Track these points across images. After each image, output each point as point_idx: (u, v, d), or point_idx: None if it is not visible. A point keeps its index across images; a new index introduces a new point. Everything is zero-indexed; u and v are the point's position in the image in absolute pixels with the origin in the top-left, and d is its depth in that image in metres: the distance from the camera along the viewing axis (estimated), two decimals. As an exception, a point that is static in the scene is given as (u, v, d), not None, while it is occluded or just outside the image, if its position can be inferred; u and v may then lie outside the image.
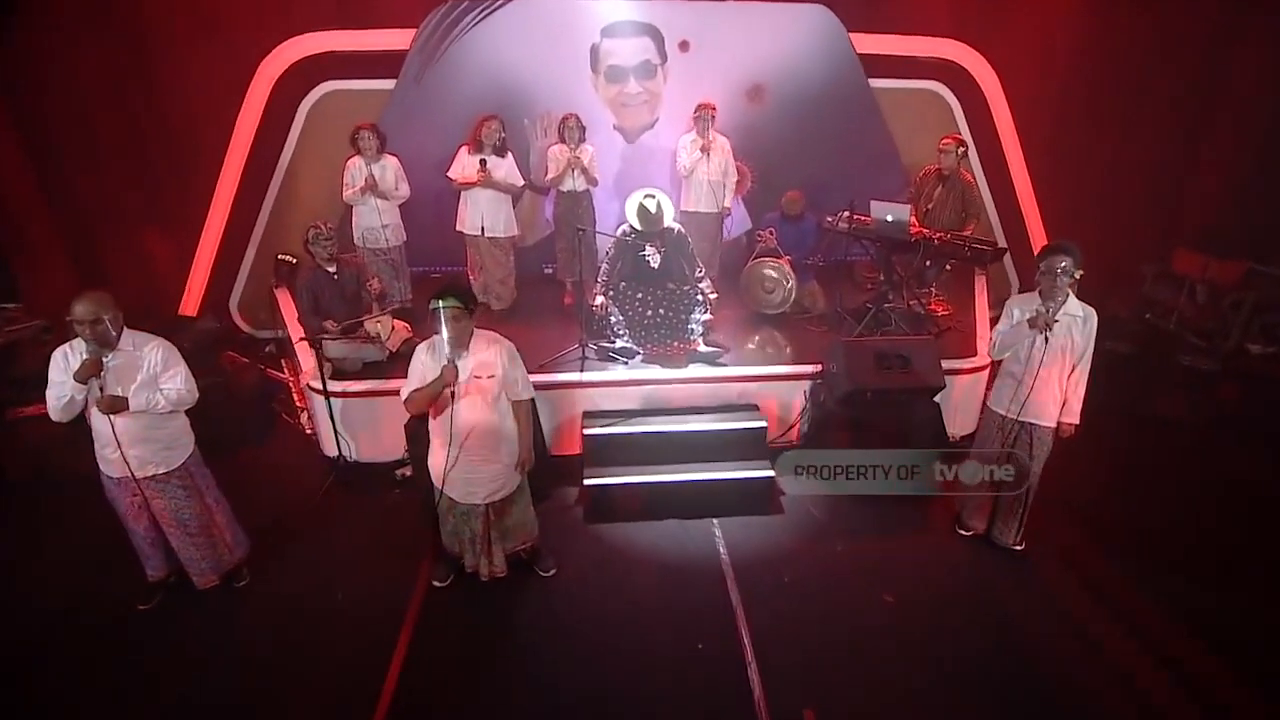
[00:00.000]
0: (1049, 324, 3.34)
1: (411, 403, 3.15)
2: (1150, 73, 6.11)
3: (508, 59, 5.85)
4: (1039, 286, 3.46)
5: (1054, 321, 3.35)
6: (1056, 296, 3.39)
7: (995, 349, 3.59)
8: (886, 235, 5.04)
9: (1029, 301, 3.51)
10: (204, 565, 3.47)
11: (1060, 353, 3.46)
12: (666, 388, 4.64)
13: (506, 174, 5.27)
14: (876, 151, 6.34)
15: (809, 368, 4.68)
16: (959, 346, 5.03)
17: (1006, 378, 3.65)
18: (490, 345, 3.19)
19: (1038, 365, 3.46)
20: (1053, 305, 3.39)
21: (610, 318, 4.88)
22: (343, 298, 4.69)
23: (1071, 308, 3.43)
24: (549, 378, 4.57)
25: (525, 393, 3.32)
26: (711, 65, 5.99)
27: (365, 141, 5.03)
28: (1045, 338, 3.37)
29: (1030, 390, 3.51)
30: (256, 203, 6.21)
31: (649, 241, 4.86)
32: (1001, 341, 3.55)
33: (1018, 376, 3.57)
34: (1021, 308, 3.52)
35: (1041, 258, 3.38)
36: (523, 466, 3.42)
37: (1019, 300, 3.57)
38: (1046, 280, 3.37)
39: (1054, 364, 3.47)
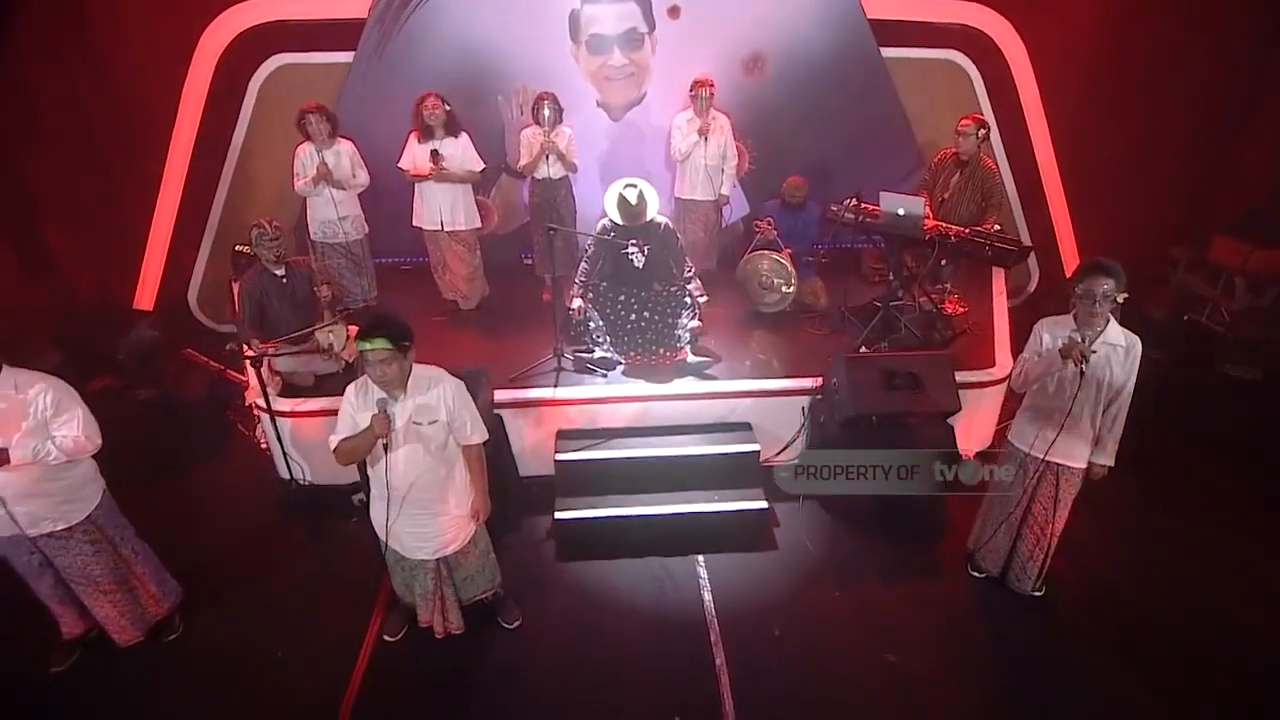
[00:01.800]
0: (1085, 356, 2.86)
1: (340, 454, 2.73)
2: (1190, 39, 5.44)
3: (478, 28, 5.26)
4: (1074, 310, 2.97)
5: (1091, 353, 2.88)
6: (1095, 323, 2.90)
7: (1020, 381, 3.11)
8: (897, 231, 4.51)
9: (1061, 326, 3.03)
10: (124, 622, 3.11)
11: (1096, 386, 2.99)
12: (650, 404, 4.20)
13: (462, 159, 4.73)
14: (888, 129, 5.75)
15: (808, 381, 4.22)
16: (975, 355, 4.55)
17: (1031, 411, 3.19)
18: (432, 386, 2.74)
19: (1069, 401, 2.99)
20: (1090, 333, 2.90)
21: (589, 323, 4.41)
22: (293, 304, 4.22)
23: (1112, 335, 2.94)
24: (519, 394, 4.13)
25: (476, 436, 2.88)
26: (705, 33, 5.38)
27: (314, 126, 4.50)
28: (1080, 370, 2.90)
29: (1060, 428, 3.05)
30: (210, 188, 5.71)
31: (631, 238, 4.36)
32: (1028, 373, 3.07)
33: (1045, 412, 3.11)
34: (1052, 334, 3.03)
35: (1079, 279, 2.88)
36: (477, 516, 3.01)
37: (1050, 325, 3.08)
38: (1084, 305, 2.87)
39: (1088, 399, 3.00)
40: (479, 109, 5.43)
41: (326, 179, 4.58)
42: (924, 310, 4.95)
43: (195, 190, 5.65)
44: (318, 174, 4.54)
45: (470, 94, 5.37)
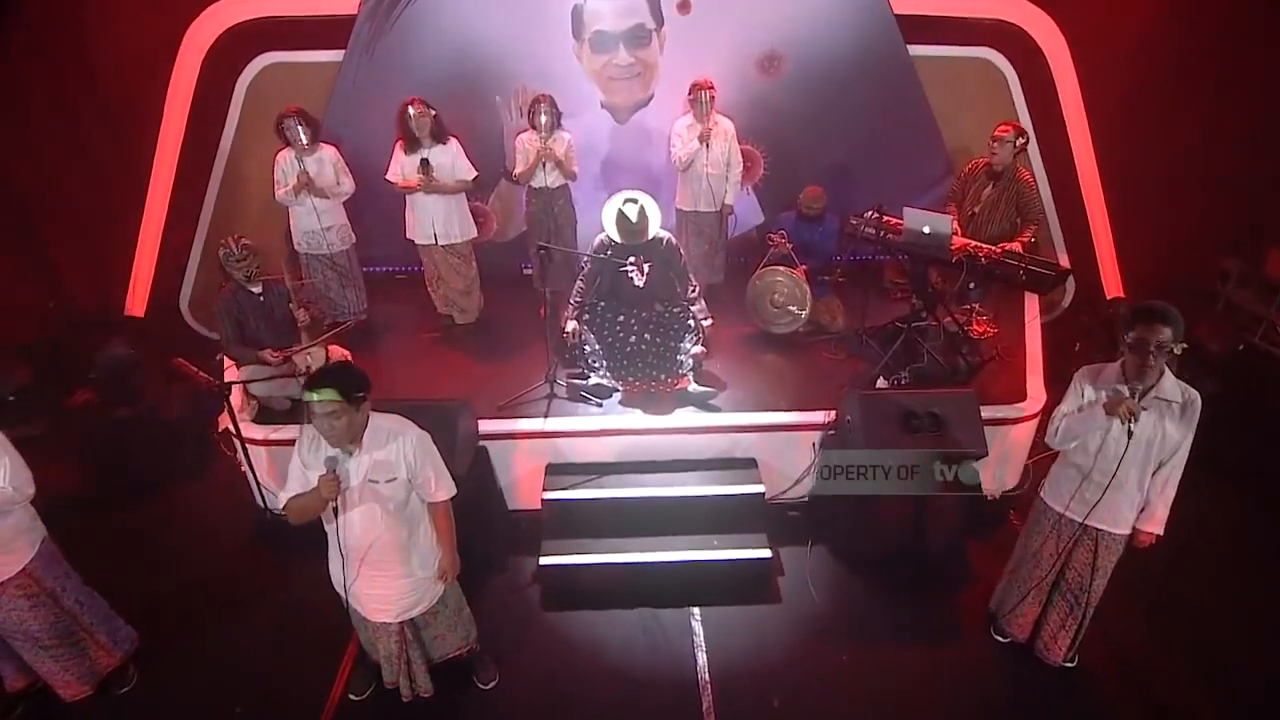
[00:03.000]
0: (1134, 414, 2.49)
1: (290, 512, 2.46)
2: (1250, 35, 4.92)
3: (475, 25, 4.93)
4: (1123, 359, 2.60)
5: (1141, 410, 2.51)
6: (1147, 377, 2.53)
7: (1057, 437, 2.74)
8: (921, 251, 4.13)
9: (1105, 378, 2.65)
10: (68, 677, 2.89)
11: (1146, 446, 2.61)
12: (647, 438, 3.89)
13: (452, 167, 4.44)
14: (914, 133, 5.33)
15: (820, 415, 3.87)
16: (1004, 384, 4.17)
17: (1069, 469, 2.82)
18: (391, 439, 2.46)
19: (1114, 463, 2.63)
20: (1140, 387, 2.53)
21: (584, 347, 4.10)
22: (271, 323, 3.97)
23: (1166, 390, 2.56)
24: (506, 425, 3.85)
25: (442, 493, 2.60)
26: (717, 30, 4.99)
27: (293, 131, 4.22)
28: (1128, 430, 2.53)
29: (1102, 491, 2.69)
30: (199, 191, 5.48)
31: (631, 255, 4.04)
32: (1066, 428, 2.70)
33: (1085, 471, 2.74)
34: (1095, 386, 2.66)
35: (1131, 325, 2.50)
36: (445, 576, 2.73)
37: (1092, 375, 2.71)
38: (1136, 355, 2.50)
39: (1136, 461, 2.63)
40: (476, 111, 5.12)
41: (308, 187, 4.31)
42: (949, 332, 4.57)
43: (184, 193, 5.42)
44: (298, 182, 4.27)
45: (467, 95, 5.07)
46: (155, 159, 5.28)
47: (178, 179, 5.36)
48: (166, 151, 5.27)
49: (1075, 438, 2.70)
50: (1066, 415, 2.71)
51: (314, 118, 4.30)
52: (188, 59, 4.99)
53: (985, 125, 4.50)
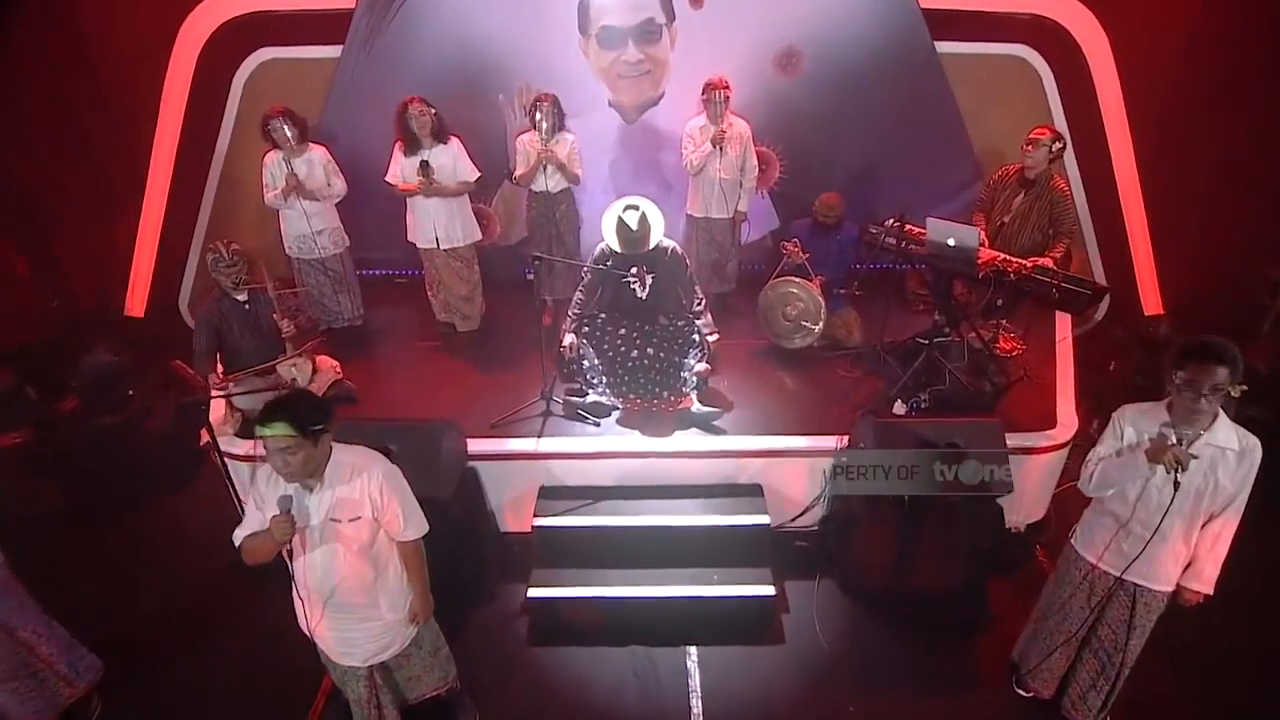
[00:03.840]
0: (1182, 463, 2.21)
1: (245, 553, 2.28)
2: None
3: (477, 20, 4.71)
4: (1170, 399, 2.32)
5: (1191, 458, 2.23)
6: (1198, 421, 2.25)
7: (1092, 483, 2.47)
8: (945, 265, 3.85)
9: (1149, 419, 2.37)
10: (25, 711, 2.74)
11: (1195, 497, 2.34)
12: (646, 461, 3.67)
13: (453, 169, 4.24)
14: (941, 136, 5.02)
15: (831, 440, 3.61)
16: (1032, 410, 3.88)
17: (1105, 517, 2.54)
18: (356, 475, 2.26)
19: (1157, 514, 2.35)
20: (1189, 432, 2.25)
21: (583, 362, 3.89)
22: (257, 332, 3.79)
23: (1220, 436, 2.28)
24: (497, 445, 3.64)
25: (412, 531, 2.40)
26: (732, 25, 4.72)
27: (280, 131, 4.04)
28: (1175, 481, 2.25)
29: (1143, 545, 2.41)
30: (196, 190, 5.34)
31: (632, 265, 3.81)
32: (1102, 474, 2.43)
33: (1122, 521, 2.47)
34: (1137, 427, 2.38)
35: (1181, 362, 2.22)
36: (417, 618, 2.53)
37: (1134, 415, 2.42)
38: (1186, 396, 2.22)
39: (1183, 513, 2.35)
40: (478, 109, 4.91)
41: (297, 190, 4.13)
42: (972, 349, 4.28)
43: (182, 193, 5.29)
44: (287, 185, 4.09)
45: (468, 93, 4.86)
46: (152, 157, 5.15)
47: (175, 178, 5.22)
48: (163, 150, 5.13)
49: (1112, 485, 2.42)
50: (1103, 459, 2.44)
51: (301, 117, 4.11)
52: (183, 54, 4.83)
53: (1017, 128, 4.20)
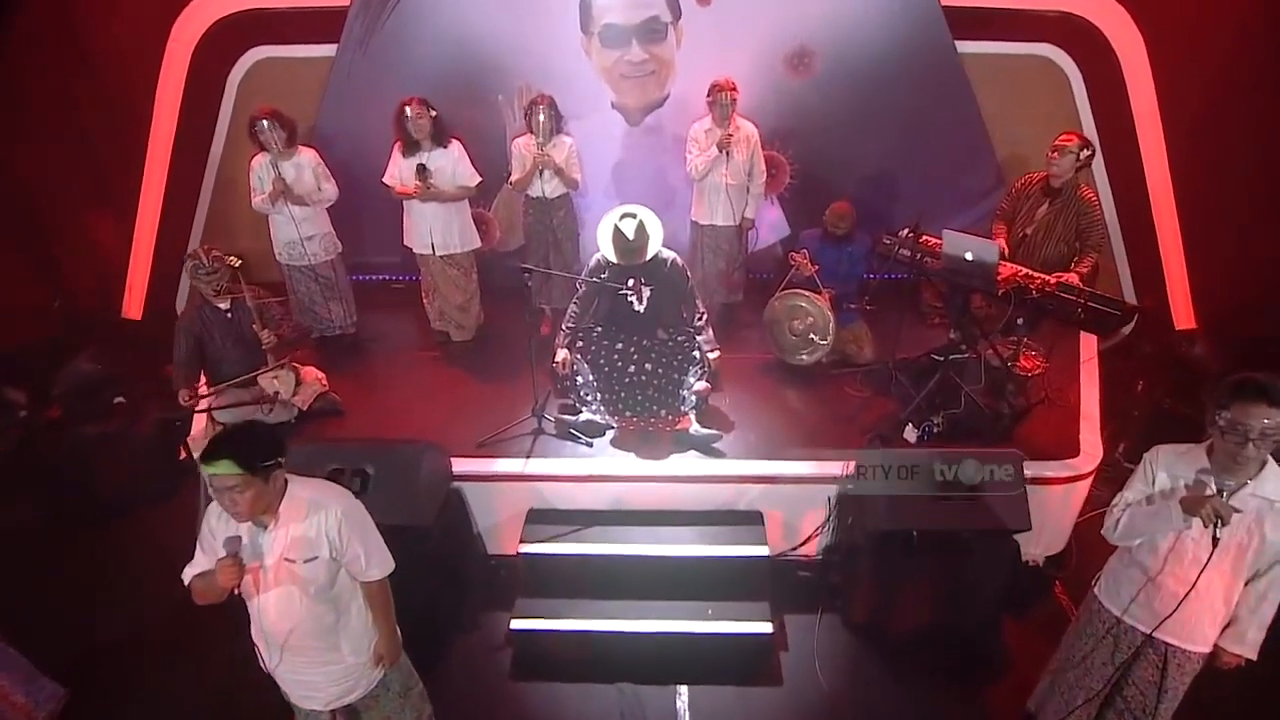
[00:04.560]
0: (1223, 516, 1.98)
1: (194, 593, 2.13)
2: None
3: (475, 18, 4.56)
4: (1210, 442, 2.09)
5: (1234, 511, 2.00)
6: (1243, 468, 2.02)
7: (1117, 531, 2.24)
8: (962, 280, 3.62)
9: (1187, 462, 2.14)
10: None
11: (1237, 552, 2.10)
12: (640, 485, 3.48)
13: (453, 173, 4.08)
14: (961, 140, 4.79)
15: (837, 466, 3.40)
16: (1054, 436, 3.64)
17: (1132, 568, 2.31)
18: (313, 512, 2.09)
19: (1193, 569, 2.12)
20: (1231, 482, 2.02)
21: (576, 378, 3.71)
22: (240, 342, 3.66)
23: (1270, 488, 2.04)
24: (483, 466, 3.48)
25: (375, 571, 2.23)
26: (741, 23, 4.52)
27: (267, 134, 3.89)
28: (1214, 536, 2.02)
29: (1177, 602, 2.18)
30: (192, 191, 5.25)
31: (629, 277, 3.62)
32: (1130, 523, 2.20)
33: (1151, 574, 2.23)
34: (1172, 472, 2.16)
35: (1226, 402, 1.98)
36: (382, 660, 2.37)
37: (1169, 457, 2.19)
38: (1231, 441, 1.98)
39: (1223, 570, 2.12)
40: (477, 110, 4.76)
41: (285, 195, 3.99)
42: (990, 368, 4.04)
43: (178, 193, 5.18)
44: (274, 190, 3.95)
45: (467, 93, 4.72)
46: (147, 158, 5.05)
47: (170, 179, 5.12)
48: (158, 151, 5.03)
49: (1140, 536, 2.20)
50: (1131, 506, 2.21)
51: (290, 119, 3.97)
52: (176, 54, 4.73)
53: (1042, 133, 3.96)
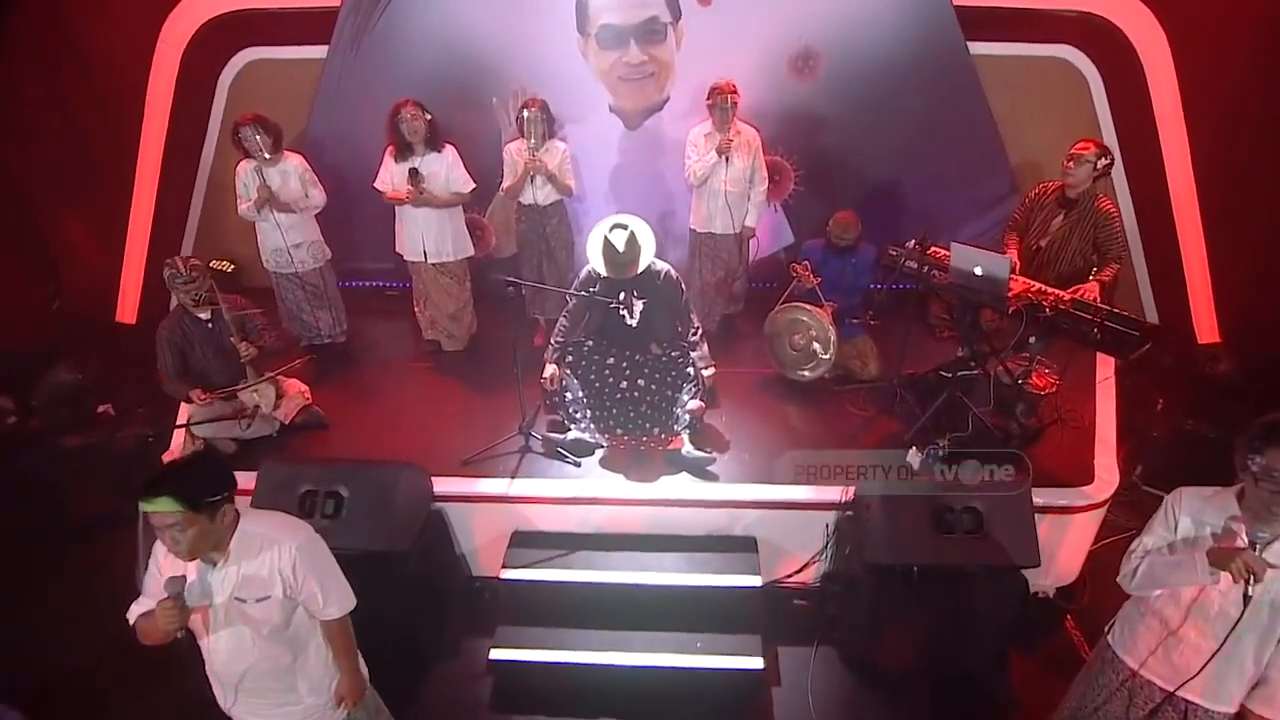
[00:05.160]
0: (1255, 572, 1.80)
1: (139, 633, 2.01)
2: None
3: (468, 18, 4.41)
4: (1243, 488, 1.90)
5: (1269, 567, 1.81)
6: (1277, 519, 1.83)
7: (1134, 581, 2.05)
8: (970, 296, 3.43)
9: (1214, 508, 1.96)
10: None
11: (1273, 611, 1.90)
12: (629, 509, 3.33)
13: (446, 178, 3.95)
14: (973, 145, 4.59)
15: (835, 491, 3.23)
16: (1067, 460, 3.45)
17: (1150, 618, 2.12)
18: (265, 549, 1.96)
19: (1220, 625, 1.94)
20: (1265, 534, 1.83)
21: (565, 394, 3.56)
22: (221, 353, 3.55)
23: (1304, 541, 1.86)
24: (467, 486, 3.34)
25: (334, 609, 2.09)
26: (743, 24, 4.34)
27: (250, 140, 3.78)
28: (1246, 593, 1.84)
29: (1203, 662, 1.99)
30: (185, 195, 5.16)
31: (620, 290, 3.47)
32: (1148, 574, 2.01)
33: (1172, 628, 2.05)
34: (1197, 518, 1.97)
35: (1260, 445, 1.79)
36: (344, 700, 2.24)
37: (1193, 501, 2.00)
38: (1265, 489, 1.80)
39: (1255, 628, 1.92)
40: (472, 114, 4.62)
41: (270, 202, 3.87)
42: (1001, 385, 3.84)
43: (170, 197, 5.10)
44: (259, 197, 3.84)
45: (461, 97, 4.57)
46: (139, 161, 4.96)
47: (162, 183, 5.05)
48: (149, 154, 4.95)
49: (1161, 587, 2.01)
50: (1150, 553, 2.03)
51: (275, 124, 3.85)
52: (166, 55, 4.63)
53: (1059, 138, 3.78)
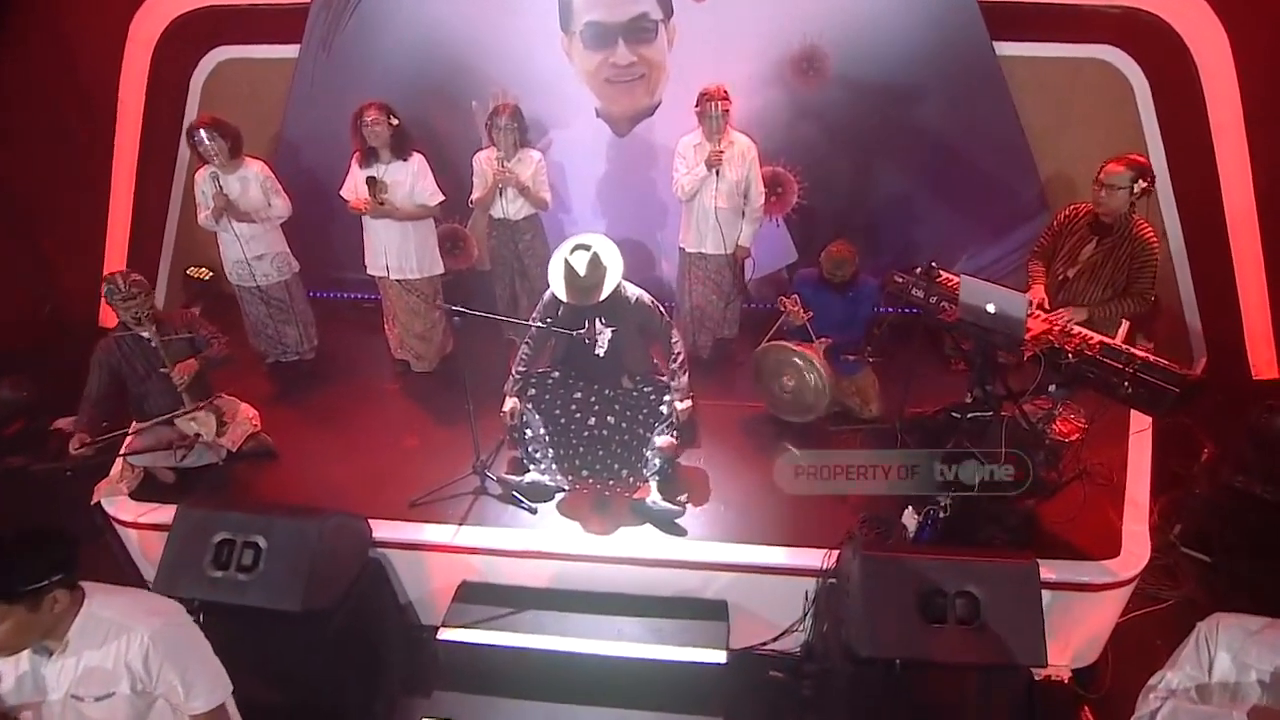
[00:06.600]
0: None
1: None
2: None
3: (446, 16, 4.11)
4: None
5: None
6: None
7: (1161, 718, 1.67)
8: (981, 335, 3.01)
9: (1263, 648, 1.56)
10: None
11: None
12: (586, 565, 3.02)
13: (411, 189, 3.67)
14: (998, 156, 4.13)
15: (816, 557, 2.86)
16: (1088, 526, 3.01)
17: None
18: (113, 637, 1.68)
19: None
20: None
21: (525, 431, 3.25)
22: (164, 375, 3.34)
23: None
24: (409, 533, 3.06)
25: (200, 701, 1.79)
26: (742, 21, 3.95)
27: (206, 145, 3.53)
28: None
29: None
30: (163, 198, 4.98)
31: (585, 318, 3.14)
32: (1174, 715, 1.62)
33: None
34: (1240, 658, 1.57)
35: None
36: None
37: (1236, 634, 1.60)
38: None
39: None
40: (450, 117, 4.33)
41: (228, 211, 3.63)
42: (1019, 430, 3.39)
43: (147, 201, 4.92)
44: (216, 206, 3.60)
45: (439, 99, 4.30)
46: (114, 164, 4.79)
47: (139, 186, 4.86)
48: (124, 157, 4.76)
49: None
50: (1176, 693, 1.64)
51: (233, 128, 3.59)
52: (135, 54, 4.43)
53: (1097, 151, 3.33)
